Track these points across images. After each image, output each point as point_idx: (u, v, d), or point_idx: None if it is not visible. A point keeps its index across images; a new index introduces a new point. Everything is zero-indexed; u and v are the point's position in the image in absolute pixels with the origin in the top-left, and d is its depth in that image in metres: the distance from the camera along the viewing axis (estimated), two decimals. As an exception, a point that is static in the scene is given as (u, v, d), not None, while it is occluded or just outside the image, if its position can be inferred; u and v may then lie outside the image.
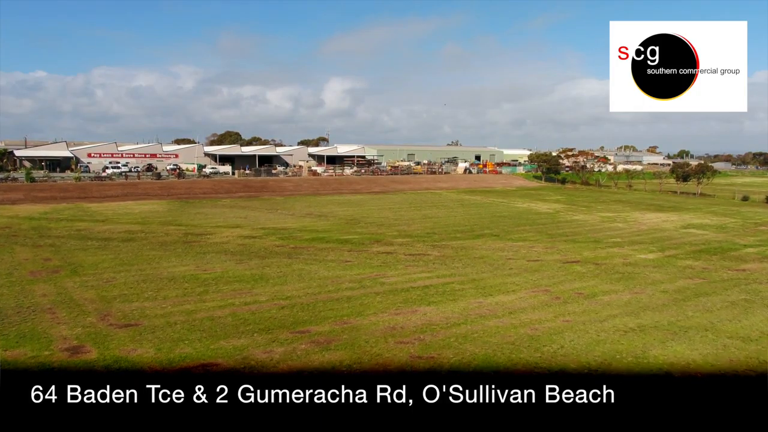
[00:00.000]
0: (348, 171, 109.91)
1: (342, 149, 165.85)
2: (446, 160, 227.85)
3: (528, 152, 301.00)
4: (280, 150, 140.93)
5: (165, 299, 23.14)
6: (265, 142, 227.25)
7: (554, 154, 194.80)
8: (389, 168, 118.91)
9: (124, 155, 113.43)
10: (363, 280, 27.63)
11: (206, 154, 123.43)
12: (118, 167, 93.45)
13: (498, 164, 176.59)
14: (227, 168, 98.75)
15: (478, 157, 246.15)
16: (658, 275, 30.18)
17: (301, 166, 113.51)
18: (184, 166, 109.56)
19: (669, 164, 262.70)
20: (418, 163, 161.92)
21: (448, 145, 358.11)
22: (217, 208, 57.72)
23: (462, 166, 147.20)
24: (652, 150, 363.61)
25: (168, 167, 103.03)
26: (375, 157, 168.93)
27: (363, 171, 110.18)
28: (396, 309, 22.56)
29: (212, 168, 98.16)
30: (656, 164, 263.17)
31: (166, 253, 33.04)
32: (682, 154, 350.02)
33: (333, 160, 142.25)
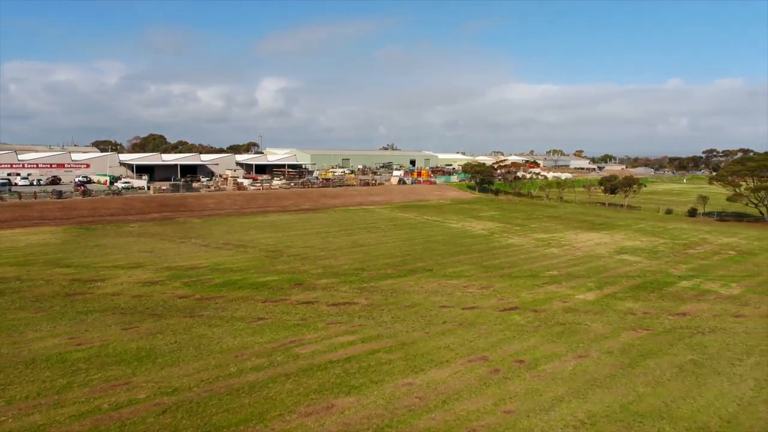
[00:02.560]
0: (277, 183, 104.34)
1: (273, 157, 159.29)
2: (381, 165, 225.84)
3: (462, 156, 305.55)
4: (205, 158, 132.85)
5: (9, 404, 18.08)
6: (192, 148, 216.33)
7: (488, 164, 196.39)
8: (321, 179, 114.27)
9: (25, 165, 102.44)
10: (274, 351, 23.47)
11: (122, 164, 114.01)
12: (7, 183, 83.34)
13: (433, 170, 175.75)
14: (143, 182, 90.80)
15: (413, 162, 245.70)
16: (600, 326, 27.93)
17: (226, 178, 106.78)
18: (95, 178, 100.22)
19: (594, 168, 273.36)
20: (352, 172, 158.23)
21: (384, 148, 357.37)
22: (122, 238, 51.37)
23: (396, 175, 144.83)
24: (578, 154, 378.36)
25: (76, 179, 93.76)
26: (307, 165, 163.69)
27: (293, 183, 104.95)
28: (308, 404, 18.64)
29: (126, 182, 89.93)
30: (582, 169, 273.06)
31: (37, 316, 27.42)
32: (606, 158, 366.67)
33: (263, 169, 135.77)
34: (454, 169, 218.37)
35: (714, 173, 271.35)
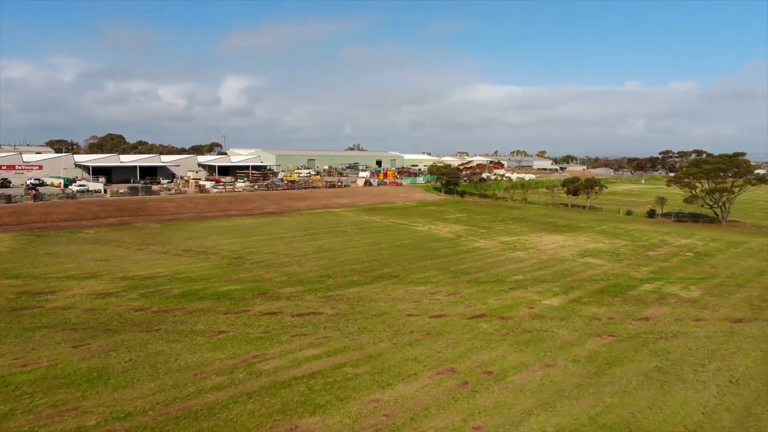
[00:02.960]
0: (241, 185, 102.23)
1: (236, 158, 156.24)
2: (347, 166, 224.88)
3: (428, 157, 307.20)
4: (166, 159, 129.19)
5: (-57, 437, 16.70)
6: (152, 148, 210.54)
7: (453, 164, 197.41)
8: (286, 181, 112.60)
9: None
10: (235, 368, 22.53)
11: (77, 165, 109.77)
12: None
13: (399, 171, 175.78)
14: (99, 185, 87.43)
15: (379, 163, 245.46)
16: (567, 333, 27.98)
17: (187, 180, 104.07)
18: (48, 181, 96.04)
19: (557, 169, 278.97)
20: (317, 173, 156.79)
21: (350, 149, 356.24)
22: (76, 245, 49.13)
23: (363, 176, 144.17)
24: (541, 155, 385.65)
25: (27, 182, 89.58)
26: (272, 166, 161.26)
27: (257, 186, 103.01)
28: (271, 426, 17.84)
29: (81, 184, 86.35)
30: (545, 169, 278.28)
31: (-21, 334, 25.68)
32: (568, 159, 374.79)
33: (226, 171, 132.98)
34: (420, 170, 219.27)
35: (670, 173, 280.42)
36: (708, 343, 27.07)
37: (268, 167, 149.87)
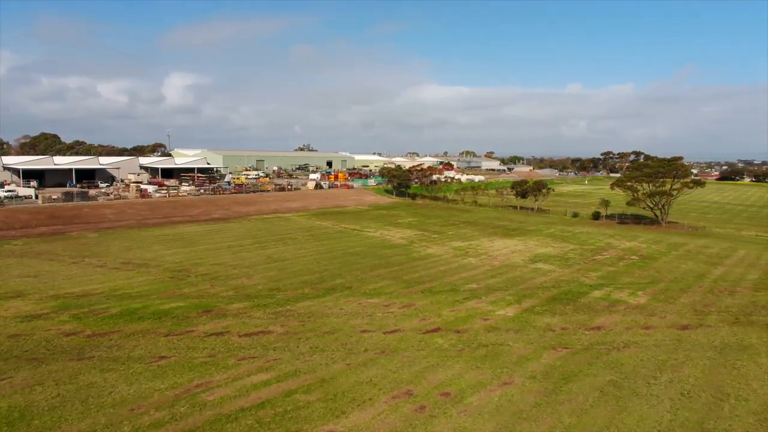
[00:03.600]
0: (185, 188, 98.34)
1: (181, 159, 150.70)
2: (297, 167, 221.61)
3: (378, 157, 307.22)
4: (105, 161, 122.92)
5: None
6: (90, 149, 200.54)
7: (404, 165, 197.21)
8: (234, 185, 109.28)
9: None
10: (177, 400, 20.89)
11: (6, 168, 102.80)
12: None
13: (350, 172, 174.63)
14: (30, 190, 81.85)
15: (330, 164, 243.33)
16: (522, 346, 27.74)
17: (128, 184, 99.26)
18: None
19: (504, 169, 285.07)
20: (267, 175, 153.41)
21: (300, 149, 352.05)
22: (0, 259, 45.41)
23: (313, 178, 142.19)
24: (489, 155, 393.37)
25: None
26: (219, 168, 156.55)
27: (203, 190, 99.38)
28: (215, 469, 16.45)
29: (10, 189, 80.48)
30: (493, 170, 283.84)
31: None
32: (515, 159, 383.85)
33: (170, 173, 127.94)
34: (371, 171, 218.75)
35: (611, 174, 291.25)
36: (658, 352, 27.43)
37: (214, 169, 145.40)
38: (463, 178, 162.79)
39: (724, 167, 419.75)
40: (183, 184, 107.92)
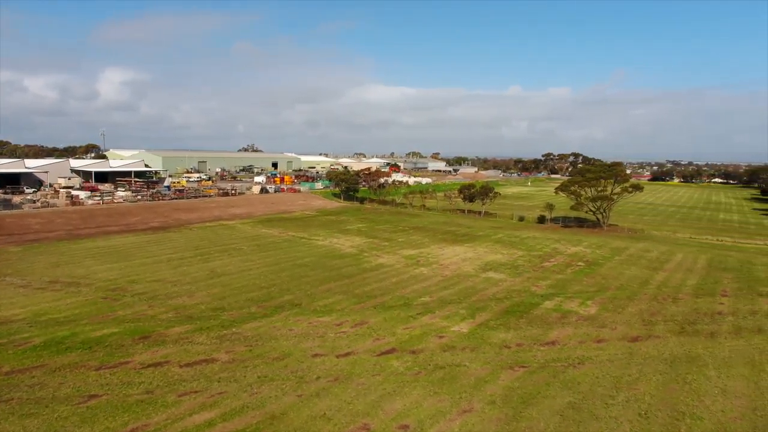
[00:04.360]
0: (122, 194, 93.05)
1: (117, 162, 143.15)
2: (241, 168, 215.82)
3: (325, 158, 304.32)
4: (31, 164, 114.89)
5: None
6: (16, 150, 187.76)
7: (351, 166, 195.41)
8: (174, 189, 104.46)
9: None
10: (109, 449, 18.79)
11: None
12: None
13: (297, 175, 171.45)
14: (-56, 198, 74.93)
15: (275, 165, 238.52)
16: (479, 367, 27.06)
17: (57, 190, 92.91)
18: None
19: (450, 171, 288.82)
20: (209, 178, 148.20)
21: (244, 149, 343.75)
22: None
23: (258, 181, 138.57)
24: (435, 156, 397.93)
25: None
26: (159, 170, 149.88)
27: (140, 195, 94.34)
28: None
29: None
30: (440, 171, 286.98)
31: None
32: (460, 160, 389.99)
33: (104, 177, 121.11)
34: (318, 172, 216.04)
35: (552, 175, 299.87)
36: (612, 368, 27.44)
37: (153, 172, 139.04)
38: (411, 180, 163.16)
39: (654, 167, 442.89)
40: (119, 189, 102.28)
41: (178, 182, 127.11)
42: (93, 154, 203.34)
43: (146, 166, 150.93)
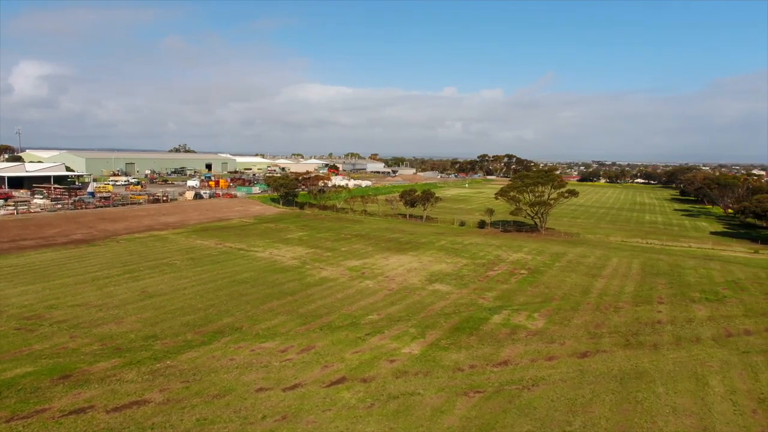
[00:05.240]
0: (39, 202, 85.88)
1: (34, 165, 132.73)
2: (173, 170, 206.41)
3: (262, 159, 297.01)
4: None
5: None
6: None
7: (289, 169, 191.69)
8: (99, 196, 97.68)
9: None
10: None
11: None
12: None
13: (232, 178, 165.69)
14: None
15: (209, 167, 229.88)
16: (434, 395, 26.02)
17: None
18: None
19: (389, 172, 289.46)
20: (138, 182, 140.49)
21: (175, 149, 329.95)
22: None
23: (191, 185, 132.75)
24: (374, 157, 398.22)
25: None
26: (82, 175, 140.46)
27: (61, 204, 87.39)
28: None
29: None
30: (379, 172, 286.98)
31: None
32: (398, 161, 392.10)
33: (20, 183, 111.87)
34: (254, 175, 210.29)
35: (488, 176, 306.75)
36: (565, 389, 27.18)
37: (76, 177, 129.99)
38: (351, 183, 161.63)
39: (582, 167, 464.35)
40: (36, 196, 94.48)
41: (103, 187, 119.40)
42: (6, 156, 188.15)
43: (68, 169, 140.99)
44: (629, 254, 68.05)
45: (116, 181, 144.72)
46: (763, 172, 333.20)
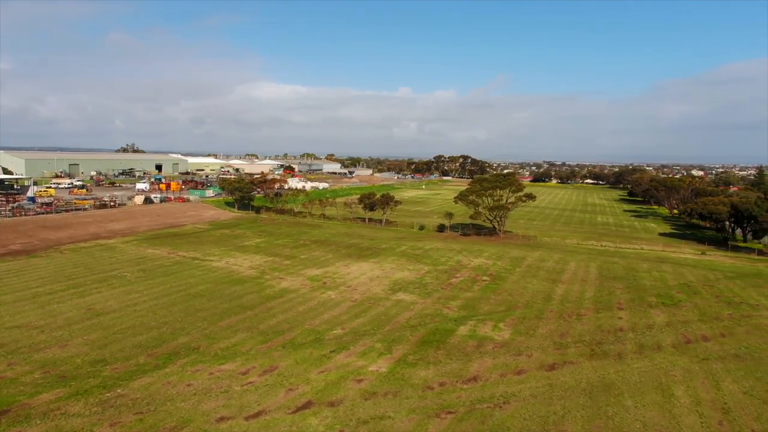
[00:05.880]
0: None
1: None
2: (120, 172, 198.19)
3: (215, 160, 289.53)
4: None
5: None
6: None
7: (243, 170, 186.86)
8: (40, 201, 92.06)
9: None
10: None
11: None
12: None
13: (184, 180, 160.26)
14: None
15: (159, 168, 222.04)
16: (404, 418, 25.08)
17: None
18: None
19: (346, 173, 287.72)
20: (83, 185, 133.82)
21: (123, 149, 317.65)
22: None
23: (141, 188, 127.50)
24: (330, 158, 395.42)
25: None
26: (20, 177, 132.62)
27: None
28: None
29: None
30: (335, 173, 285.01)
31: None
32: (355, 162, 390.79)
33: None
34: (207, 176, 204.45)
35: (444, 177, 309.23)
36: (537, 405, 26.82)
37: (14, 180, 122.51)
38: (308, 185, 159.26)
39: (533, 167, 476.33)
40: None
41: (45, 191, 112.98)
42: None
43: (5, 171, 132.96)
44: (586, 257, 69.34)
45: (59, 184, 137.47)
46: (701, 173, 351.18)
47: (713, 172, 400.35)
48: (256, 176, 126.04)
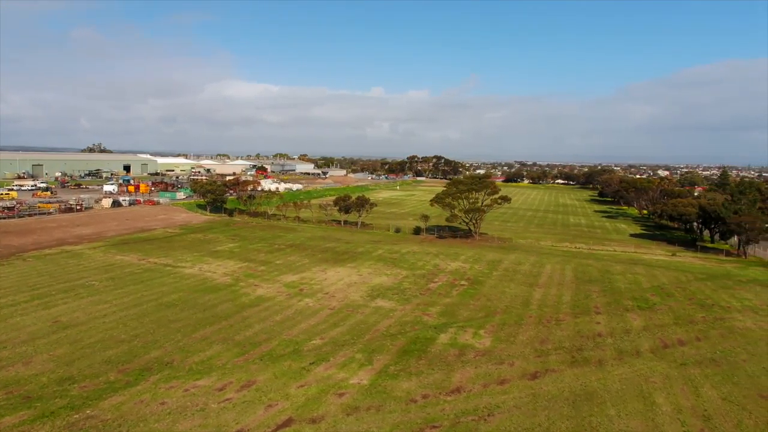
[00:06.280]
0: (-72, 214, 76.25)
1: None
2: (87, 173, 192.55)
3: (185, 160, 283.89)
4: None
5: None
6: None
7: (215, 171, 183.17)
8: (1, 206, 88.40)
9: None
10: None
11: None
12: None
13: (154, 182, 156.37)
14: None
15: (127, 168, 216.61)
16: (389, 434, 24.53)
17: None
18: None
19: (319, 173, 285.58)
20: (47, 187, 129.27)
21: (90, 149, 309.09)
22: None
23: (109, 191, 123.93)
24: (303, 158, 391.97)
25: None
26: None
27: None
28: None
29: None
30: (309, 174, 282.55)
31: None
32: (328, 162, 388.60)
33: None
34: (177, 177, 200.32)
35: (418, 177, 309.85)
36: (521, 417, 26.54)
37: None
38: (282, 187, 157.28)
39: (505, 167, 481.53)
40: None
41: (6, 194, 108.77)
42: None
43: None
44: (561, 260, 69.90)
45: (22, 186, 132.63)
46: (667, 173, 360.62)
47: (678, 172, 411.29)
48: (228, 177, 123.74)
